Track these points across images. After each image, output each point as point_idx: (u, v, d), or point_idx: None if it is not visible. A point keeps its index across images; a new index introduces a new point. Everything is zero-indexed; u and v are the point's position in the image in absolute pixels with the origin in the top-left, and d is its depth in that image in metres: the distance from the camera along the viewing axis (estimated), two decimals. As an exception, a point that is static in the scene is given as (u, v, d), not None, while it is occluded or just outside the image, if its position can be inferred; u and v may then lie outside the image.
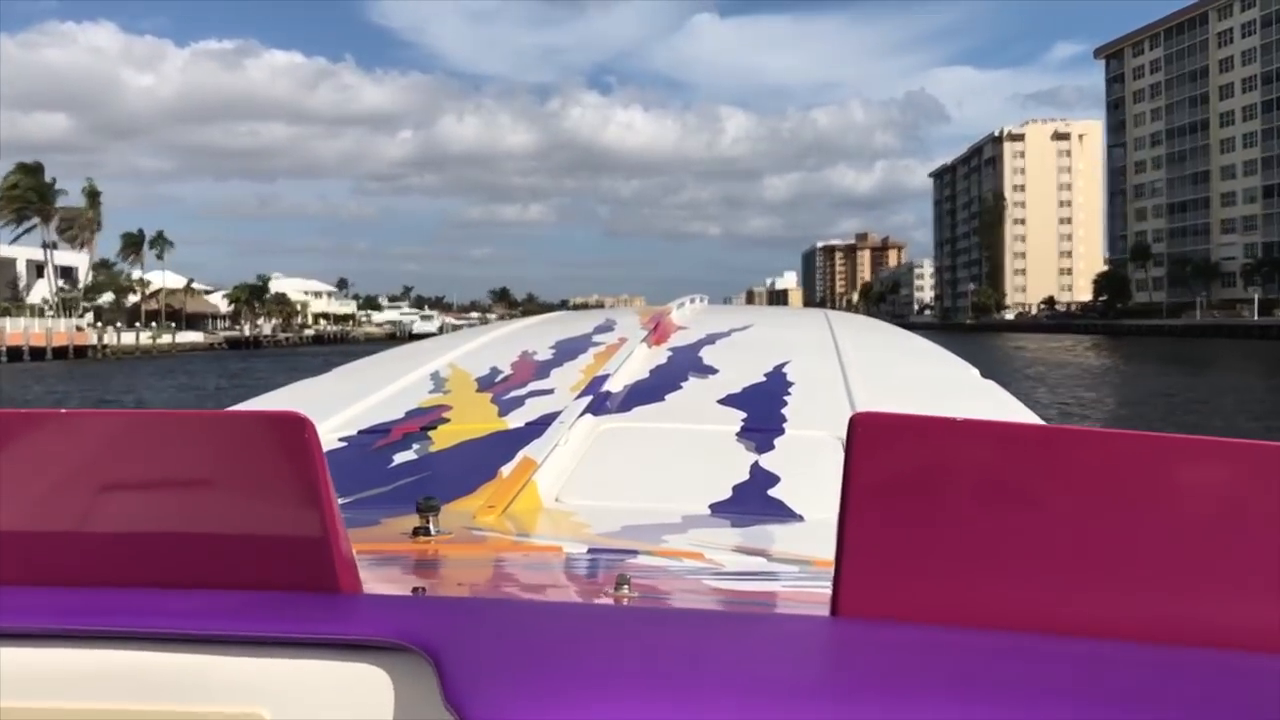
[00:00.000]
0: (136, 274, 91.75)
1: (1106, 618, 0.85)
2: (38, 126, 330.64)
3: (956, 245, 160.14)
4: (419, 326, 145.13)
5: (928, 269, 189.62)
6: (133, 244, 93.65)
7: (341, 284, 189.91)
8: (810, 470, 1.85)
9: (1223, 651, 0.83)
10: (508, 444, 1.91)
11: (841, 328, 3.02)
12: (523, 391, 2.31)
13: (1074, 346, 68.70)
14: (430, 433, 2.09)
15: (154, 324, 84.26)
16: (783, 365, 2.44)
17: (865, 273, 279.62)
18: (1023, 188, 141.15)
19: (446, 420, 2.16)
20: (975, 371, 2.74)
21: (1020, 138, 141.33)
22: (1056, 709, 0.72)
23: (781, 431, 2.00)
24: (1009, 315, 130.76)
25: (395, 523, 1.52)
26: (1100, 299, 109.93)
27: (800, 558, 1.46)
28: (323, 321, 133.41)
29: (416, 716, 0.83)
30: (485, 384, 2.44)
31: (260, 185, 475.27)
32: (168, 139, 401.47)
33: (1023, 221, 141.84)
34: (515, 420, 2.10)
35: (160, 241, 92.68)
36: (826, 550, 0.94)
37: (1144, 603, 0.85)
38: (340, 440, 2.11)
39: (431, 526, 1.43)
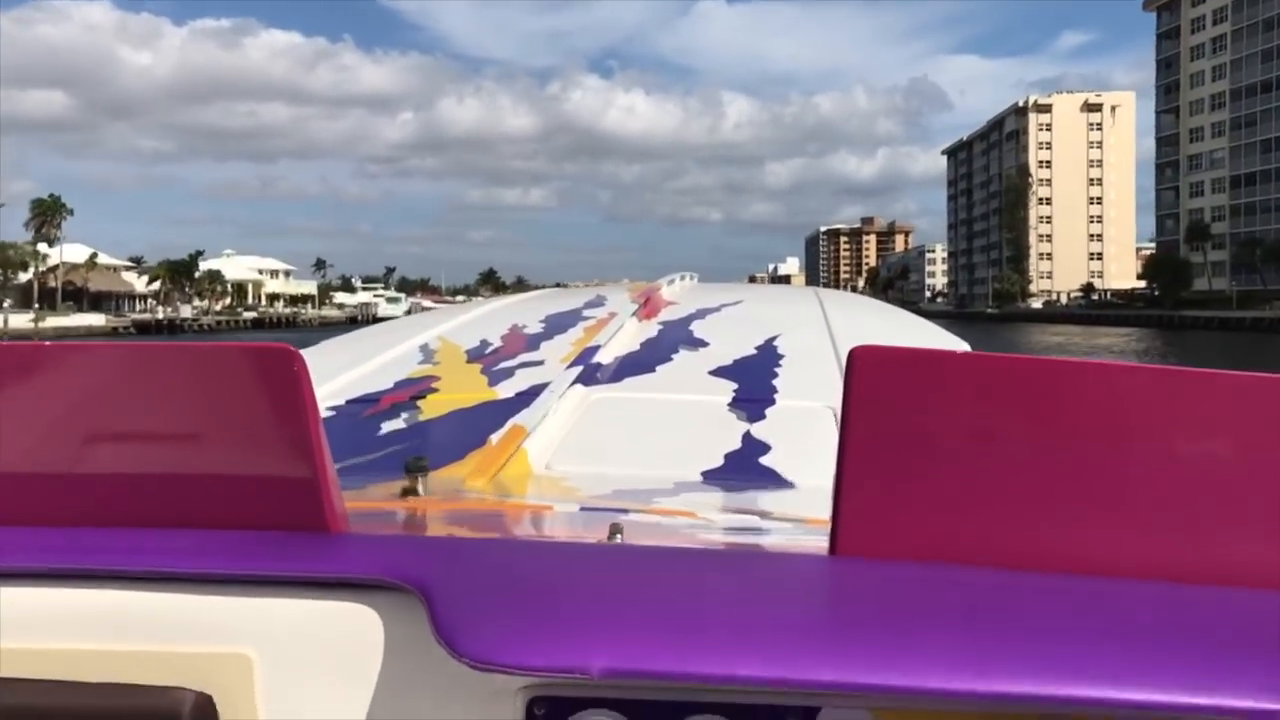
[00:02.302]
0: (44, 247, 78.83)
1: (1108, 554, 0.83)
2: (35, 104, 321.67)
3: (973, 228, 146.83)
4: (384, 310, 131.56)
5: (940, 253, 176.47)
6: (45, 212, 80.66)
7: (319, 264, 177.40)
8: (802, 439, 1.84)
9: (1226, 588, 0.81)
10: (497, 413, 1.91)
11: (832, 304, 2.94)
12: (512, 363, 2.31)
13: (1124, 342, 55.98)
14: (419, 402, 2.09)
15: (46, 305, 71.30)
16: (773, 339, 2.43)
17: (871, 258, 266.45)
18: (1048, 164, 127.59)
19: (435, 390, 2.17)
20: (966, 346, 2.49)
21: (1047, 109, 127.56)
22: (1057, 643, 0.71)
23: (773, 402, 2.00)
24: (1036, 304, 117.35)
25: (383, 486, 1.49)
26: (1150, 286, 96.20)
27: (794, 517, 1.46)
28: (278, 304, 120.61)
29: (407, 655, 0.81)
30: (474, 355, 2.43)
31: (261, 167, 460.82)
32: (167, 119, 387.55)
33: (1048, 201, 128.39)
34: (505, 390, 2.10)
35: (58, 208, 79.71)
36: (820, 512, 0.91)
37: (1147, 539, 0.83)
38: (328, 410, 2.06)
39: (420, 487, 1.41)
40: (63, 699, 0.82)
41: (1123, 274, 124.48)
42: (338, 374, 2.28)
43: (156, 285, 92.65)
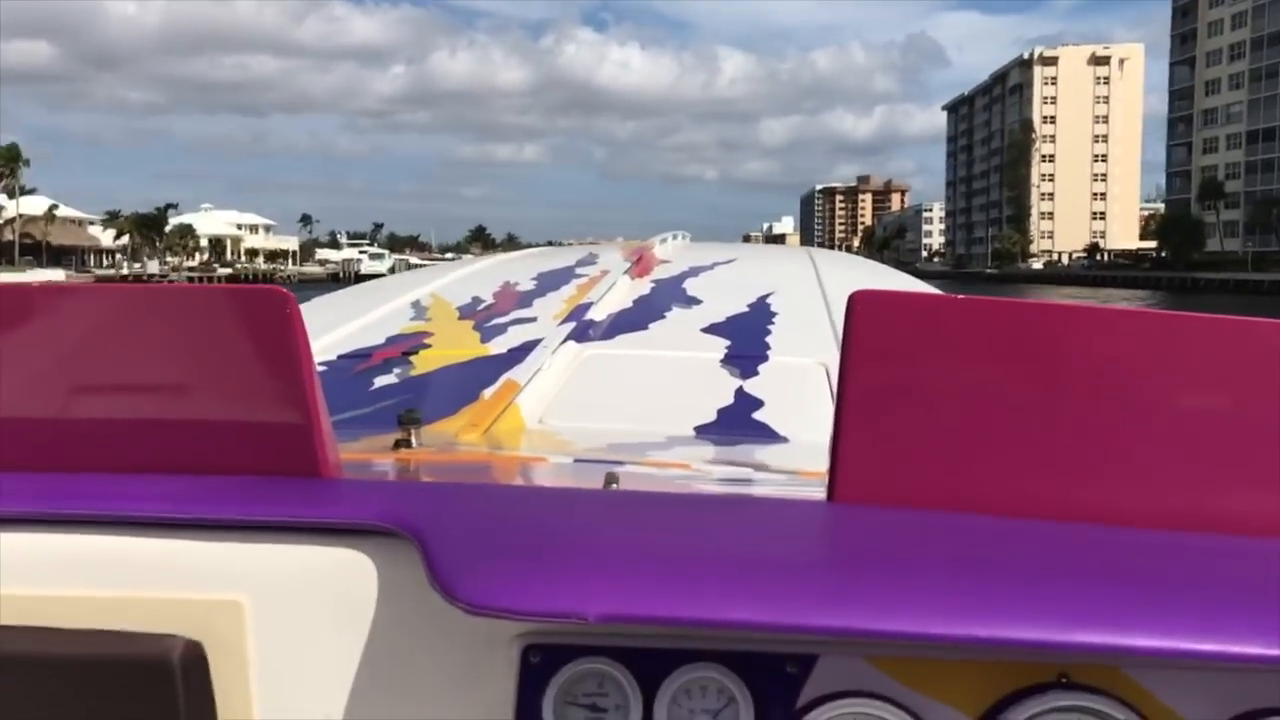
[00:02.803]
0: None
1: (1109, 502, 0.82)
2: (19, 55, 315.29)
3: (972, 186, 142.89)
4: (366, 267, 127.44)
5: (938, 212, 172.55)
6: (6, 161, 76.50)
7: (305, 220, 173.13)
8: (795, 395, 1.85)
9: (1226, 536, 0.81)
10: (490, 368, 1.91)
11: (824, 262, 2.93)
12: (504, 319, 2.31)
13: (1136, 306, 52.84)
14: (411, 357, 2.09)
15: (4, 260, 67.49)
16: (766, 296, 2.43)
17: (866, 218, 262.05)
18: (1053, 119, 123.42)
19: (428, 346, 2.17)
20: None
21: (1053, 61, 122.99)
22: (1057, 589, 0.71)
23: (765, 358, 2.00)
24: (1036, 264, 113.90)
25: (376, 439, 1.48)
26: (1157, 248, 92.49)
27: (788, 470, 1.45)
28: (258, 260, 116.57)
29: (401, 601, 0.81)
30: (467, 312, 2.43)
31: (251, 120, 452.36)
32: (154, 70, 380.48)
33: (1051, 159, 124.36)
34: (497, 346, 2.11)
35: (14, 157, 75.51)
36: (813, 465, 0.89)
37: (1148, 486, 0.83)
38: (319, 365, 2.06)
39: (413, 439, 1.40)
40: (52, 645, 0.81)
41: (1125, 235, 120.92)
42: (329, 330, 2.26)
43: (126, 240, 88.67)
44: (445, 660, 0.80)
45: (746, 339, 2.07)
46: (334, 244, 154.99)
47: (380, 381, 1.94)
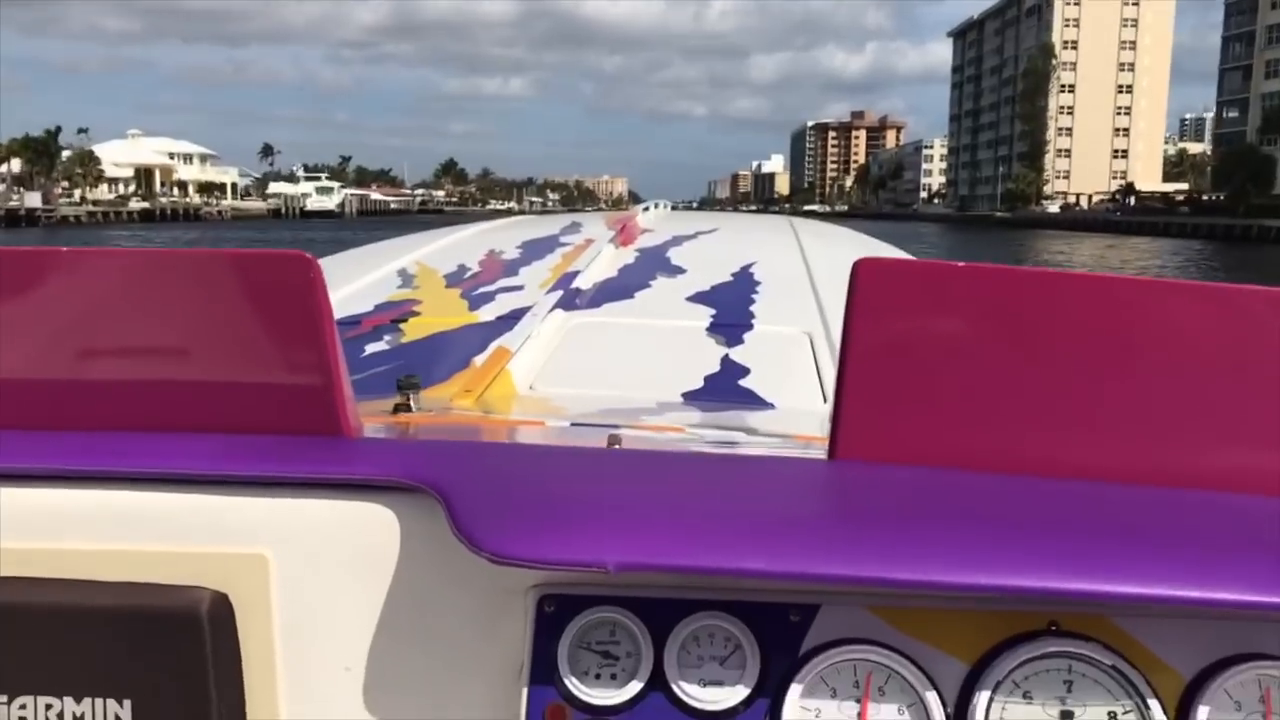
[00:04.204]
0: None
1: (1104, 460, 0.86)
2: None
3: (979, 120, 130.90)
4: (313, 203, 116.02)
5: (939, 149, 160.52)
6: None
7: (266, 151, 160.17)
8: (781, 363, 1.87)
9: (1222, 493, 0.85)
10: (480, 335, 1.94)
11: (806, 232, 3.02)
12: (492, 287, 2.35)
13: (1185, 260, 42.27)
14: (400, 325, 2.11)
15: None
16: (749, 266, 2.47)
17: (860, 155, 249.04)
18: (1074, 45, 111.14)
19: (417, 313, 2.19)
20: None
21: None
22: (1054, 539, 0.74)
23: (750, 327, 2.03)
24: (1052, 207, 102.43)
25: (374, 403, 1.47)
26: (1192, 190, 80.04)
27: (780, 434, 1.49)
28: (192, 191, 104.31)
29: (421, 556, 0.83)
30: (454, 280, 2.46)
31: (232, 50, 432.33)
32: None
33: (1070, 89, 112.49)
34: (486, 314, 2.13)
35: None
36: (803, 429, 0.92)
37: (1143, 445, 0.86)
38: None
39: (413, 404, 1.42)
40: (82, 597, 0.84)
41: (1148, 175, 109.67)
42: None
43: (6, 168, 76.26)
44: (463, 611, 0.83)
45: (731, 308, 2.10)
46: (292, 178, 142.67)
47: (371, 348, 1.94)
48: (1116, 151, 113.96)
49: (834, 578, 0.72)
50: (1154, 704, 0.74)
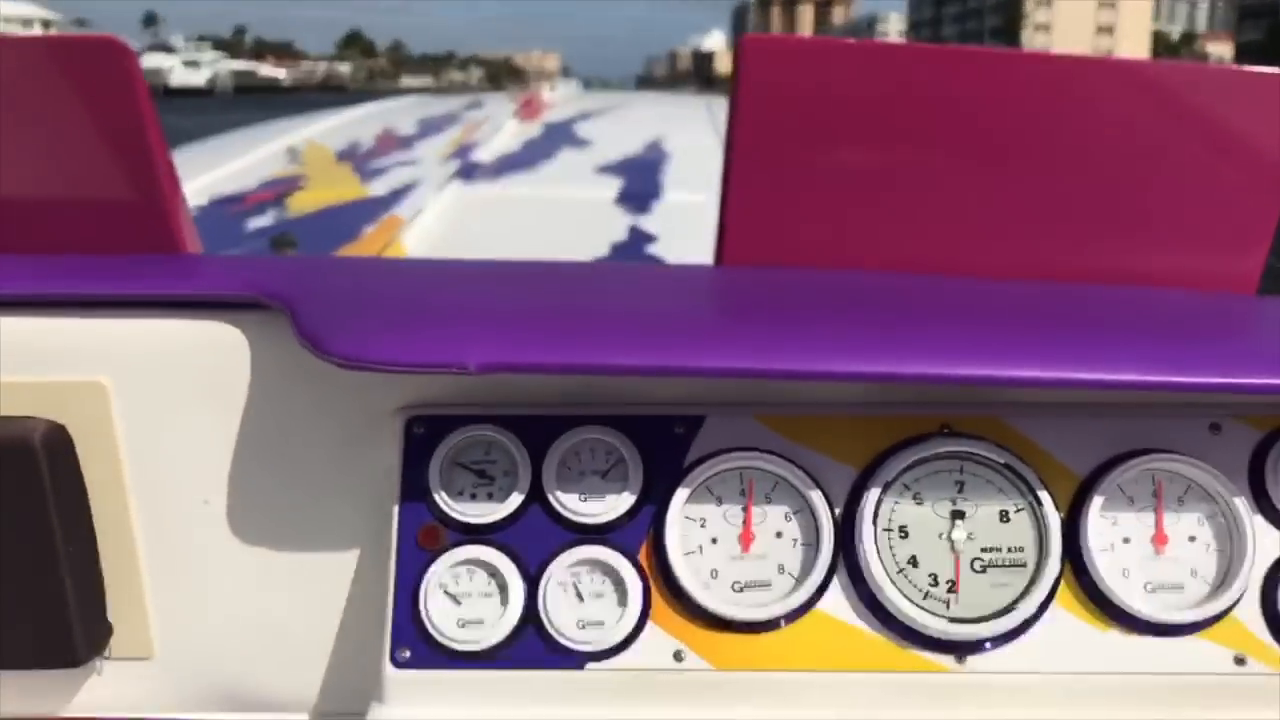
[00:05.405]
0: None
1: (1005, 256, 0.83)
2: None
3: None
4: (178, 77, 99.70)
5: (895, 25, 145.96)
6: None
7: (148, 20, 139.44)
8: (690, 231, 1.78)
9: (1121, 287, 0.83)
10: (371, 209, 1.87)
11: (721, 109, 2.97)
12: (386, 161, 2.29)
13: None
14: (286, 199, 2.03)
15: None
16: (659, 139, 2.44)
17: (807, 31, 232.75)
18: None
19: (303, 189, 2.13)
20: None
21: None
22: (945, 328, 0.71)
23: (659, 197, 2.00)
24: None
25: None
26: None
27: None
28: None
29: (274, 375, 0.79)
30: (345, 155, 2.41)
31: None
32: None
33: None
34: (378, 188, 2.07)
35: None
36: None
37: (1045, 240, 0.82)
38: (192, 210, 2.18)
39: None
40: None
41: (1136, 54, 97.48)
42: (198, 174, 2.20)
43: None
44: (329, 438, 0.79)
45: (640, 179, 2.06)
46: (170, 49, 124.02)
47: (255, 224, 1.84)
48: (1101, 27, 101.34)
49: (711, 370, 0.67)
50: (1046, 500, 0.73)
